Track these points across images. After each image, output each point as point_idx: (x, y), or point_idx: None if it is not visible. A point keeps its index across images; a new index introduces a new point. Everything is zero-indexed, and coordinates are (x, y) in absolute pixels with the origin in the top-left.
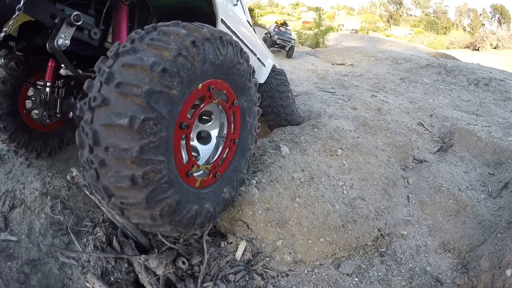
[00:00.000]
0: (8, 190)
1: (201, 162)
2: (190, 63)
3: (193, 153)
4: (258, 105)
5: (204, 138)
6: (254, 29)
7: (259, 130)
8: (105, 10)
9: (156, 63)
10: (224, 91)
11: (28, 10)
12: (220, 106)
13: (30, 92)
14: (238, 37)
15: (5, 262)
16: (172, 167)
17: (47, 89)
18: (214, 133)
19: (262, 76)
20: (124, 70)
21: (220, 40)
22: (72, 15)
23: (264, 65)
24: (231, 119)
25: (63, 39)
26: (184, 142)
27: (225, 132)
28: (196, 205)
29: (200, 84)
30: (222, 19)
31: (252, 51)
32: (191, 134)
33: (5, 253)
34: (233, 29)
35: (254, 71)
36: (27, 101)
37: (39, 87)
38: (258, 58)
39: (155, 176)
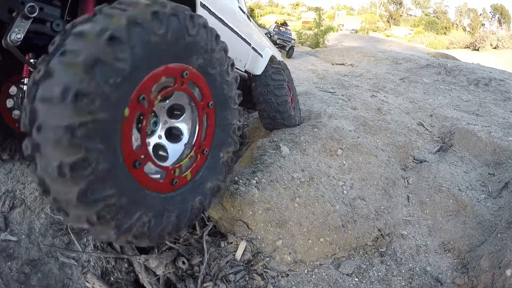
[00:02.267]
0: (8, 190)
1: (185, 139)
2: (100, 99)
3: (177, 132)
4: (217, 43)
5: (177, 110)
6: (249, 17)
7: (233, 67)
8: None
9: (57, 155)
10: (164, 76)
11: None
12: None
13: (9, 103)
14: (225, 24)
15: (5, 262)
16: (154, 201)
17: (25, 87)
18: (185, 102)
19: (258, 67)
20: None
21: (126, 32)
22: (26, 7)
23: (261, 56)
24: (193, 90)
25: (16, 33)
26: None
27: (194, 104)
28: (199, 195)
29: (126, 110)
30: (201, 3)
31: (245, 40)
32: (162, 120)
33: (5, 253)
34: (218, 15)
35: (191, 16)
36: (14, 112)
37: (12, 94)
38: (253, 48)
39: (142, 223)
